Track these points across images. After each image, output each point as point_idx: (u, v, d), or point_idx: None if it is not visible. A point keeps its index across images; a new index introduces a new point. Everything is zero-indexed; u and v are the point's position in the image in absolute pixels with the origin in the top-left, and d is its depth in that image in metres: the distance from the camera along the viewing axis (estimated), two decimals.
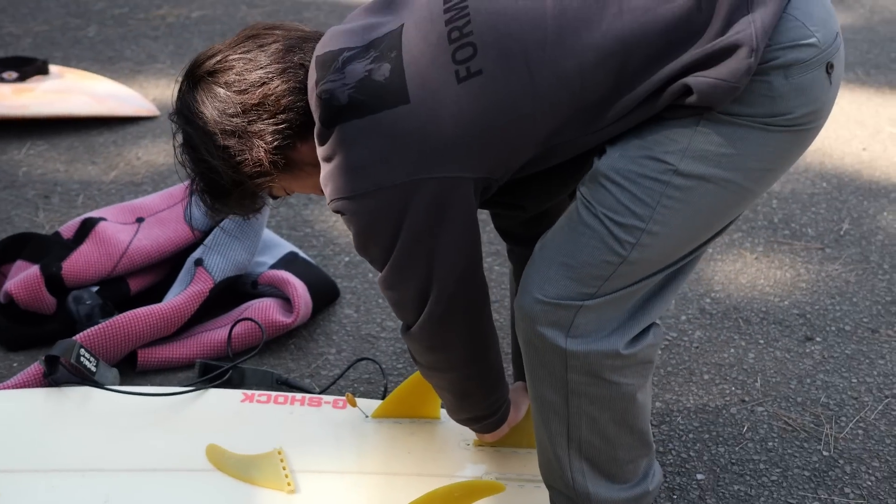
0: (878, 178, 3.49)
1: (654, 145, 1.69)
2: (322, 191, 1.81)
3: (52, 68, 3.94)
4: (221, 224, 2.76)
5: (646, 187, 1.69)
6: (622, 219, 1.70)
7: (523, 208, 2.02)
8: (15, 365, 2.59)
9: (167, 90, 4.04)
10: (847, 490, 2.29)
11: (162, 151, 3.59)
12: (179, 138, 1.89)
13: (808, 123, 1.73)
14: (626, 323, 1.79)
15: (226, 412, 2.32)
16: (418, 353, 1.92)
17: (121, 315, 2.55)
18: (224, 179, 1.84)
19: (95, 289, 2.72)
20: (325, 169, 1.76)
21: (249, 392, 2.36)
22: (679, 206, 1.69)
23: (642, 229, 1.70)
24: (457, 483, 2.05)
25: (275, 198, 1.95)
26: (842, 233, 3.19)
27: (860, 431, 2.44)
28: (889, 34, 4.74)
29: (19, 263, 2.74)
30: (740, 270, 3.01)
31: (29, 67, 3.85)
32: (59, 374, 2.35)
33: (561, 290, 1.75)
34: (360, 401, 2.33)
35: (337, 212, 1.78)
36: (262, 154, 1.80)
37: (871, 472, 2.34)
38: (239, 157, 1.80)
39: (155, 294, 2.78)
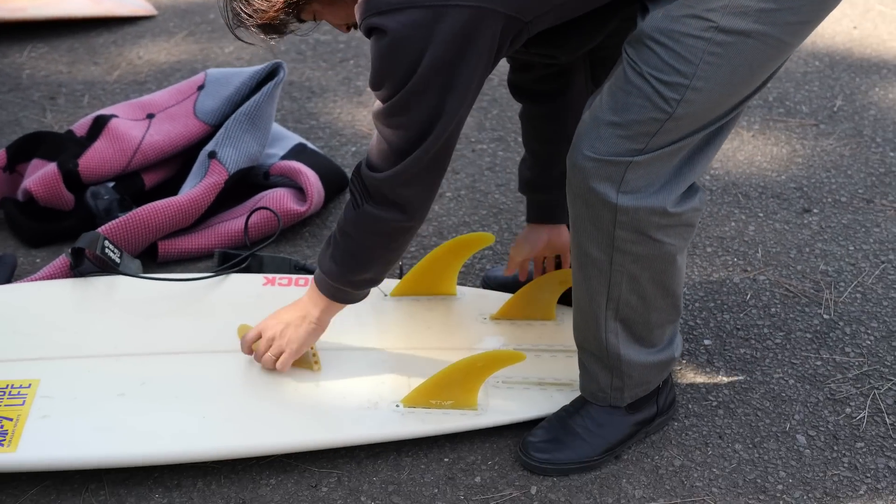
0: (868, 55, 3.56)
1: (696, 3, 1.75)
2: (348, 25, 1.91)
3: None
4: (233, 115, 2.82)
5: (689, 45, 1.75)
6: (667, 77, 1.77)
7: (556, 56, 2.06)
8: (38, 261, 2.66)
9: None
10: (847, 349, 2.40)
11: (162, 50, 3.62)
12: None
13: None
14: (672, 179, 1.88)
15: (249, 295, 2.40)
16: (383, 192, 1.94)
17: (140, 208, 2.62)
18: None
19: (112, 184, 2.78)
20: None
21: (270, 276, 2.44)
22: (721, 62, 1.76)
23: (686, 86, 1.77)
24: (479, 354, 2.15)
25: (301, 21, 1.95)
26: (835, 109, 3.27)
27: (858, 295, 2.55)
28: None
29: (35, 162, 2.80)
30: (738, 148, 3.09)
31: None
32: (85, 266, 2.43)
33: (611, 146, 1.82)
34: None
35: (368, 31, 1.79)
36: None
37: (869, 332, 2.44)
38: None
39: (170, 188, 2.84)
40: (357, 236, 2.01)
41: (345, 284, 2.08)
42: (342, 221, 2.02)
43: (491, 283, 2.54)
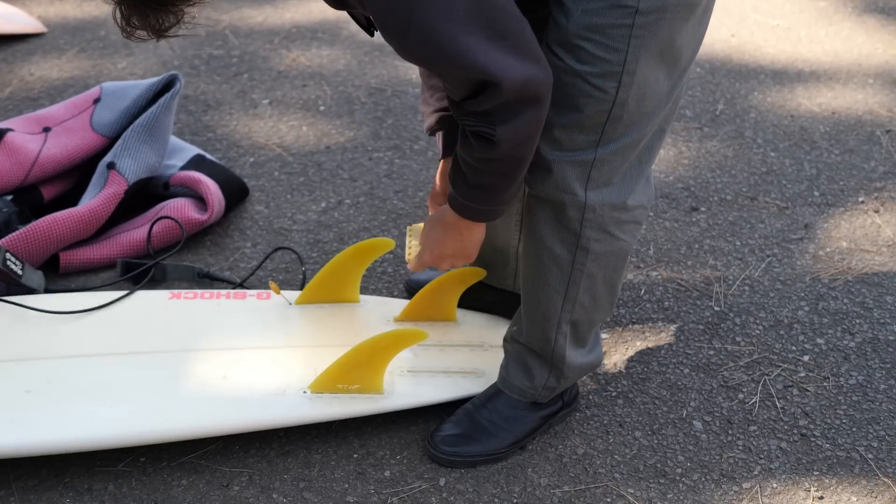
0: (747, 61, 3.69)
1: None
2: None
3: None
4: (130, 127, 2.83)
5: (615, 35, 1.82)
6: (600, 68, 1.84)
7: None
8: None
9: (50, 7, 4.03)
10: (738, 339, 2.50)
11: (54, 67, 3.61)
12: None
13: None
14: (631, 171, 1.97)
15: (156, 307, 2.41)
16: (504, 102, 1.75)
17: (40, 220, 2.61)
18: None
19: (10, 197, 2.76)
20: None
21: (176, 291, 2.45)
22: (647, 42, 1.82)
23: (620, 72, 1.84)
24: (383, 333, 2.16)
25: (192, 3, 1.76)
26: (717, 113, 3.39)
27: (746, 288, 2.65)
28: None
29: None
30: None
31: None
32: None
33: (570, 145, 1.90)
34: (282, 290, 2.45)
35: None
36: None
37: (758, 322, 2.55)
38: None
39: (69, 200, 2.83)
40: (507, 156, 1.84)
41: (499, 203, 1.95)
42: (475, 156, 1.86)
43: (415, 287, 2.57)
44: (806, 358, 2.45)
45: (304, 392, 2.18)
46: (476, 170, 1.89)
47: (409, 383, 2.25)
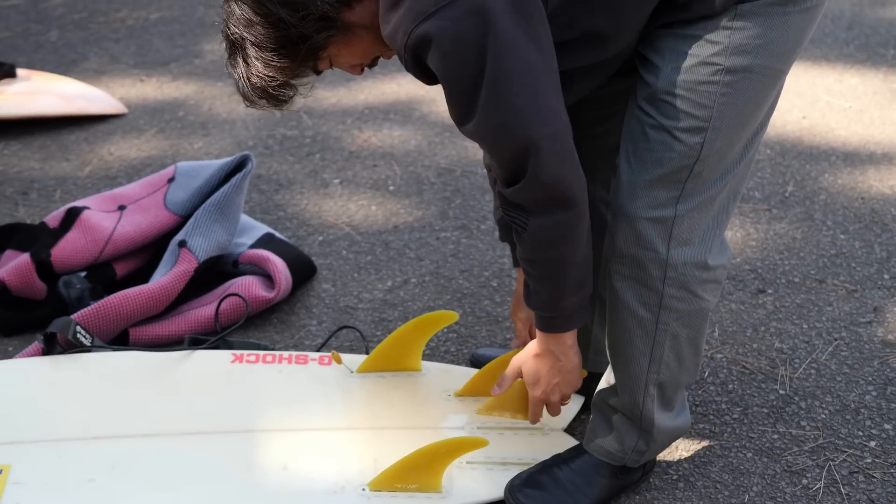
0: (818, 143, 3.68)
1: (700, 51, 1.87)
2: (363, 65, 1.92)
3: (20, 72, 4.05)
4: (202, 206, 2.89)
5: (703, 91, 1.87)
6: (688, 124, 1.89)
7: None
8: (10, 349, 2.71)
9: (132, 89, 4.16)
10: (803, 423, 2.46)
11: (133, 146, 3.71)
12: (235, 5, 1.85)
13: (816, 3, 1.91)
14: (710, 231, 2.00)
15: (217, 372, 2.44)
16: (536, 197, 1.85)
17: (112, 296, 2.68)
18: (292, 33, 1.82)
19: (84, 274, 2.84)
20: (397, 10, 1.76)
21: (238, 353, 2.49)
22: (732, 100, 1.88)
23: (706, 128, 1.89)
24: (444, 440, 2.18)
25: (318, 73, 1.92)
26: (787, 195, 3.37)
27: (813, 371, 2.62)
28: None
29: (8, 253, 2.86)
30: None
31: None
32: (57, 351, 2.47)
33: (653, 201, 1.94)
34: (344, 357, 2.48)
35: (419, 42, 1.74)
36: (327, 7, 1.81)
37: (824, 406, 2.51)
38: (303, 12, 1.80)
39: (140, 277, 2.90)
40: (541, 257, 1.94)
41: (564, 309, 2.01)
42: (521, 255, 1.96)
43: (482, 361, 2.59)
44: (872, 444, 2.40)
45: (363, 490, 2.18)
46: (528, 273, 1.98)
47: (467, 478, 2.24)
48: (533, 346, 2.14)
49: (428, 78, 1.84)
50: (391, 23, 1.78)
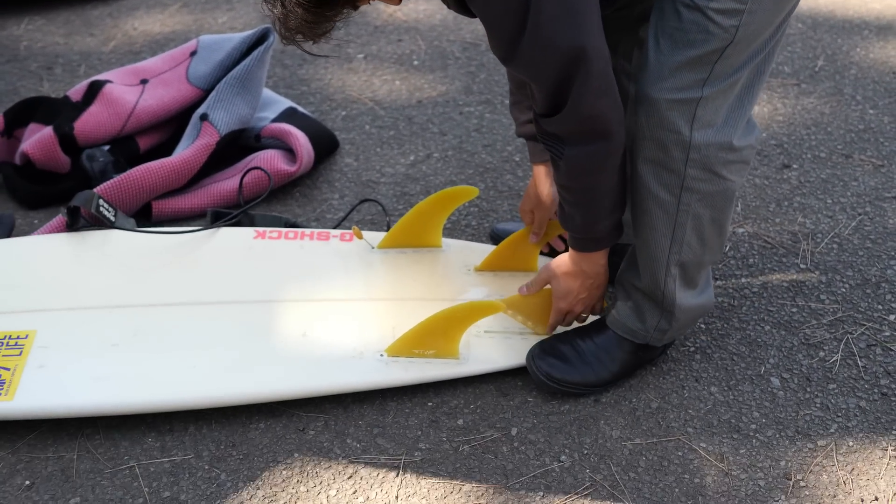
0: (850, 16, 3.61)
1: None
2: None
3: None
4: (224, 79, 2.88)
5: None
6: (724, 5, 1.84)
7: None
8: (35, 222, 2.73)
9: None
10: (823, 297, 2.46)
11: (157, 21, 3.69)
12: None
13: None
14: (734, 112, 1.97)
15: (240, 247, 2.47)
16: (573, 129, 1.90)
17: (134, 169, 2.69)
18: None
19: (107, 147, 2.85)
20: None
21: (261, 229, 2.50)
22: None
23: (743, 10, 1.85)
24: (459, 304, 2.20)
25: (355, 8, 1.89)
26: (816, 69, 3.32)
27: (835, 246, 2.61)
28: None
29: (32, 126, 2.86)
30: None
31: None
32: (81, 224, 2.49)
33: (679, 83, 1.91)
34: (365, 233, 2.49)
35: None
36: None
37: (844, 280, 2.51)
38: None
39: (163, 150, 2.91)
40: (578, 185, 2.00)
41: (598, 232, 2.08)
42: (557, 180, 2.02)
43: (501, 236, 2.61)
44: (892, 317, 2.40)
45: (381, 356, 2.21)
46: (563, 197, 2.05)
47: (485, 346, 2.26)
48: (565, 262, 2.19)
49: (471, 15, 1.85)
50: None
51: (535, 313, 2.29)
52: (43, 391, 2.11)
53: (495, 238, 2.61)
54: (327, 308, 2.32)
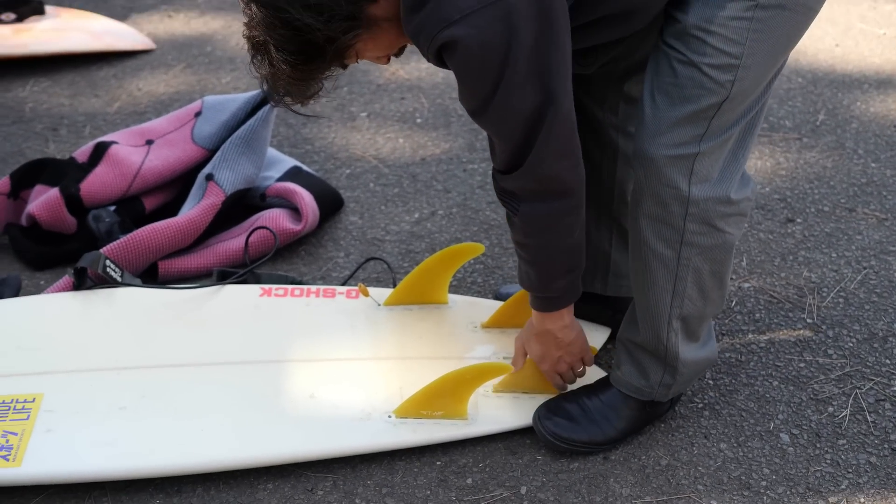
0: (850, 71, 3.63)
1: None
2: (389, 56, 1.92)
3: (48, 9, 4.04)
4: (229, 139, 2.90)
5: (735, 27, 1.85)
6: (718, 61, 1.86)
7: (578, 63, 2.06)
8: (42, 283, 2.74)
9: (160, 24, 4.15)
10: (830, 352, 2.46)
11: (161, 82, 3.71)
12: (256, 8, 1.80)
13: None
14: (730, 166, 1.98)
15: (246, 305, 2.47)
16: (528, 187, 1.92)
17: (140, 229, 2.69)
18: (318, 37, 1.77)
19: (113, 208, 2.85)
20: (421, 11, 1.76)
21: (267, 286, 2.51)
22: (764, 37, 1.86)
23: (738, 65, 1.86)
24: (468, 366, 2.20)
25: (344, 68, 1.91)
26: (818, 123, 3.34)
27: (841, 300, 2.61)
28: None
29: (38, 188, 2.88)
30: None
31: (25, 8, 3.95)
32: (87, 285, 2.50)
33: (677, 138, 1.92)
34: (371, 290, 2.49)
35: (444, 46, 1.77)
36: (351, 6, 1.78)
37: (851, 335, 2.50)
38: (328, 13, 1.76)
39: (169, 211, 2.92)
40: (532, 242, 2.02)
41: (555, 291, 2.09)
42: (513, 238, 2.05)
43: (505, 298, 2.58)
44: None
45: (389, 417, 2.21)
46: (519, 254, 2.06)
47: (493, 406, 2.26)
48: (532, 325, 2.20)
49: (447, 67, 1.86)
50: (413, 23, 1.79)
51: (533, 384, 2.28)
52: (51, 457, 2.11)
53: (501, 300, 2.61)
54: (335, 368, 2.32)
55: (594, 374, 2.32)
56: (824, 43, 3.81)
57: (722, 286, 2.12)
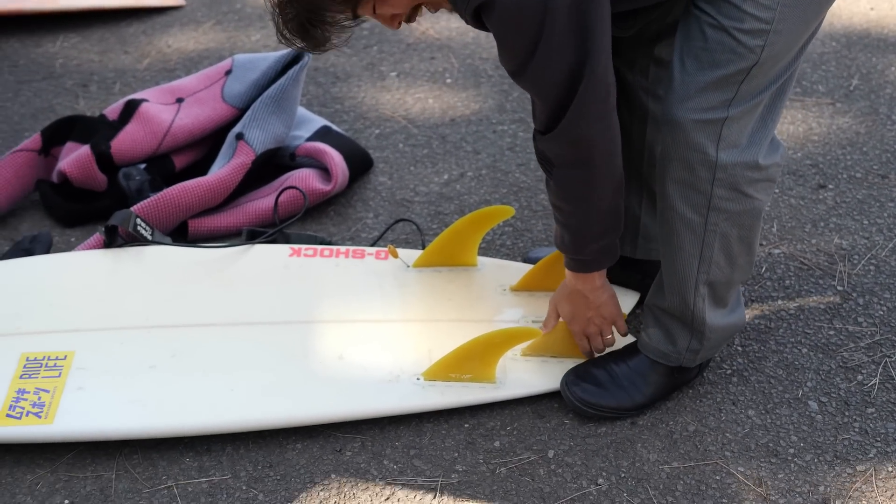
0: (885, 35, 3.59)
1: None
2: (404, 17, 1.91)
3: None
4: (259, 98, 2.90)
5: None
6: (749, 25, 1.85)
7: (621, 21, 2.07)
8: (73, 240, 2.75)
9: None
10: (860, 319, 2.45)
11: (191, 39, 3.71)
12: None
13: None
14: (759, 131, 1.97)
15: (275, 265, 2.48)
16: (560, 152, 1.93)
17: (170, 188, 2.70)
18: None
19: (143, 166, 2.86)
20: None
21: (296, 246, 2.51)
22: (795, 2, 1.85)
23: (768, 30, 1.85)
24: (497, 330, 2.21)
25: (356, 17, 1.89)
26: (851, 88, 3.31)
27: (872, 268, 2.60)
28: None
29: (69, 145, 2.88)
30: None
31: None
32: (118, 243, 2.51)
33: (706, 102, 1.91)
34: (400, 252, 2.49)
35: (481, 6, 1.78)
36: None
37: (882, 303, 2.49)
38: None
39: (199, 169, 2.92)
40: (567, 207, 2.02)
41: (588, 254, 2.09)
42: (550, 200, 2.04)
43: (534, 262, 2.58)
44: None
45: (418, 379, 2.21)
46: (555, 216, 2.07)
47: (521, 370, 2.27)
48: (564, 287, 2.20)
49: (486, 29, 1.87)
50: None
51: (562, 348, 2.28)
52: (82, 414, 2.13)
53: (530, 264, 2.60)
54: (363, 329, 2.33)
55: (622, 340, 2.32)
56: (859, 6, 3.77)
57: (750, 252, 2.11)
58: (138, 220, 2.51)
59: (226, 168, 2.78)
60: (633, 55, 2.20)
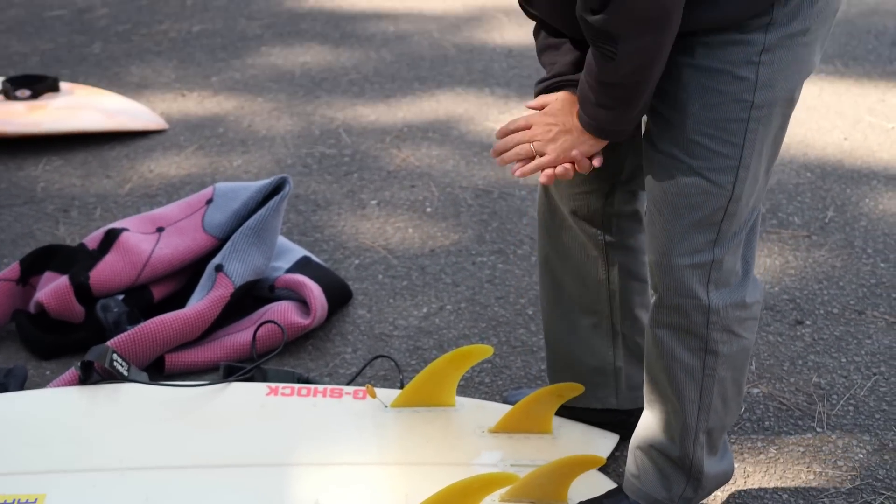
0: (859, 166, 3.65)
1: (728, 88, 1.84)
2: None
3: (63, 85, 4.07)
4: (240, 229, 2.90)
5: (732, 130, 1.86)
6: (720, 164, 1.87)
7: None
8: (48, 373, 2.73)
9: (174, 104, 4.18)
10: (840, 463, 2.44)
11: (173, 164, 3.73)
12: None
13: (818, 41, 1.90)
14: (741, 269, 1.99)
15: (252, 405, 2.45)
16: (621, 26, 1.76)
17: (148, 321, 2.69)
18: None
19: (121, 297, 2.86)
20: None
21: (273, 385, 2.50)
22: (760, 135, 1.88)
23: (737, 167, 1.88)
24: (475, 476, 2.17)
25: None
26: (826, 220, 3.34)
27: (850, 408, 2.60)
28: (865, 26, 4.89)
29: (48, 275, 2.88)
30: None
31: (41, 85, 3.98)
32: (94, 378, 2.49)
33: (691, 247, 1.92)
34: (378, 391, 2.48)
35: None
36: None
37: (861, 445, 2.49)
38: None
39: (178, 300, 2.92)
40: (624, 81, 1.84)
41: (627, 123, 1.93)
42: (600, 79, 1.85)
43: (511, 402, 2.56)
44: None
45: None
46: (600, 93, 1.86)
47: None
48: (565, 120, 1.99)
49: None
50: None
51: (541, 494, 2.26)
52: None
53: (507, 403, 2.59)
54: (340, 473, 2.30)
55: (602, 483, 2.30)
56: (833, 136, 3.83)
57: (739, 393, 2.12)
58: (115, 356, 2.50)
59: (204, 301, 2.78)
60: (589, 211, 2.20)
